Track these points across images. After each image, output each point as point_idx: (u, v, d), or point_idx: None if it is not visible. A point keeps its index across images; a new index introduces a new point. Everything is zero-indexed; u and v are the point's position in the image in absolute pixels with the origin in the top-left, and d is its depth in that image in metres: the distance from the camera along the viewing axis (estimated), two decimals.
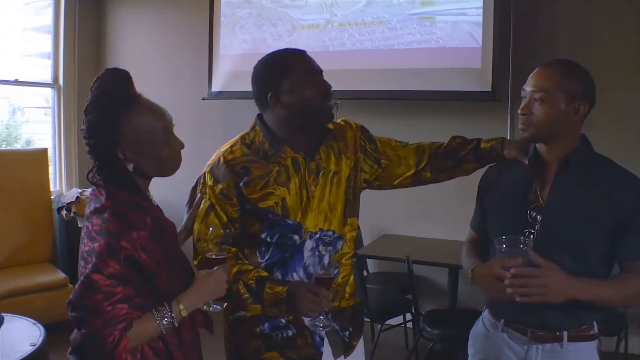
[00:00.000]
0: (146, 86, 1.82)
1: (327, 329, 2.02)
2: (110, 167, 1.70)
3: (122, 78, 1.73)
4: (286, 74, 1.99)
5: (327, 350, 2.13)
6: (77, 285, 1.60)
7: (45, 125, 6.04)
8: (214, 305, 1.85)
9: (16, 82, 5.68)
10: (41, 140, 6.05)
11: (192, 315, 1.80)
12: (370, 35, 4.93)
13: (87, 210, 1.70)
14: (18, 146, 6.00)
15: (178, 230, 2.01)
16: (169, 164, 1.77)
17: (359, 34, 4.96)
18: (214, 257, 1.86)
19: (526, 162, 2.04)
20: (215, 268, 1.82)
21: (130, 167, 1.70)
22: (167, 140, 1.74)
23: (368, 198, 2.57)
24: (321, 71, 2.05)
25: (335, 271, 2.08)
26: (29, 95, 6.20)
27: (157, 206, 1.85)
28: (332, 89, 2.02)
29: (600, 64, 4.36)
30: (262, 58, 2.08)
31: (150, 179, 1.82)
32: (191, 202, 2.10)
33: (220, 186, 2.02)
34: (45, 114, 6.09)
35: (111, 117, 1.67)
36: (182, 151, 1.80)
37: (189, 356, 1.83)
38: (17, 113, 6.18)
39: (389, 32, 4.87)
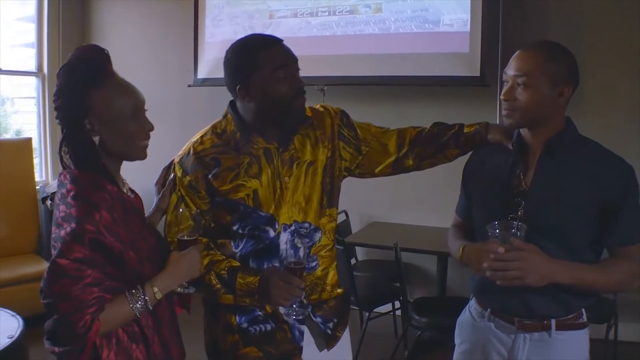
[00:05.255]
0: (132, 74, 1.79)
1: (301, 317, 2.00)
2: (77, 136, 1.67)
3: (100, 52, 1.72)
4: (255, 68, 1.90)
5: (307, 343, 2.08)
6: (45, 272, 1.58)
7: (35, 115, 5.97)
8: (188, 287, 1.83)
9: None
10: (31, 131, 5.98)
11: (168, 294, 1.79)
12: (356, 20, 4.85)
13: (56, 198, 1.68)
14: (8, 136, 5.94)
15: (150, 211, 1.99)
16: (136, 143, 1.72)
17: (345, 19, 4.86)
18: (185, 238, 1.85)
19: (510, 146, 1.99)
20: (188, 249, 1.81)
21: (97, 140, 1.67)
22: (136, 117, 1.71)
23: (357, 185, 2.54)
24: (296, 61, 1.96)
25: (314, 264, 2.04)
26: (19, 85, 6.14)
27: (129, 192, 1.81)
28: (318, 74, 1.96)
29: (591, 48, 4.35)
30: (233, 45, 1.99)
31: (120, 162, 1.78)
32: (162, 181, 2.07)
33: (188, 178, 1.97)
34: (35, 104, 6.02)
35: (83, 84, 1.65)
36: (168, 138, 1.76)
37: (166, 336, 1.80)
38: (6, 103, 6.12)
39: (376, 16, 4.81)
